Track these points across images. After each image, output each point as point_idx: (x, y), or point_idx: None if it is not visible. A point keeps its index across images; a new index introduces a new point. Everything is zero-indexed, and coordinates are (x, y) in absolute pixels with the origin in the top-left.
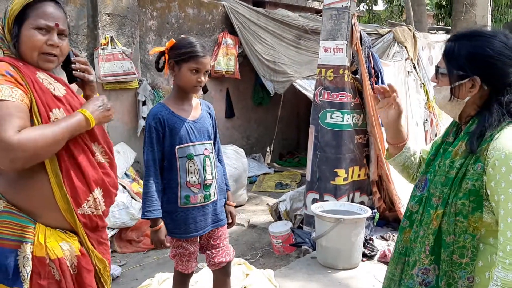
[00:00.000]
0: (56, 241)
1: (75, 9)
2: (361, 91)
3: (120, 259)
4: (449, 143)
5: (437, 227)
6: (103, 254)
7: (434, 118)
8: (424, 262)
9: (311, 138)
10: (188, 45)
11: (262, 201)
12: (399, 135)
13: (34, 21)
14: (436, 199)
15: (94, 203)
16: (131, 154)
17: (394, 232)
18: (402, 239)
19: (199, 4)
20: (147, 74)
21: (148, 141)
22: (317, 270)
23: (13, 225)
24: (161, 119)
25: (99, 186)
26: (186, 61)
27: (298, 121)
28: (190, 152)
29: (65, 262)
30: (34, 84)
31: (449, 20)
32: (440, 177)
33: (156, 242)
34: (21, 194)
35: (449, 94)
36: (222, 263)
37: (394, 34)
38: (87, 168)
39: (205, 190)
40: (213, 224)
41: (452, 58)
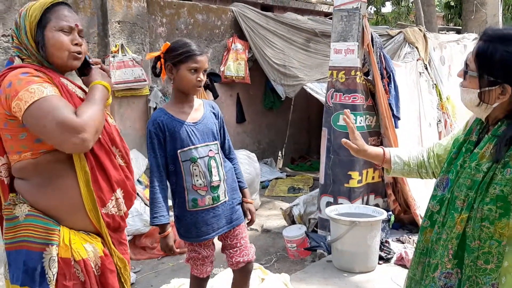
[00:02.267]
0: (80, 242)
1: (85, 18)
2: (373, 93)
3: (134, 266)
4: (472, 142)
5: (461, 231)
6: (123, 254)
7: (447, 119)
8: (447, 266)
9: (324, 141)
10: (183, 46)
11: (275, 205)
12: (375, 158)
13: (56, 23)
14: (460, 202)
15: (116, 203)
16: (143, 161)
17: (410, 234)
18: (423, 239)
19: (208, 10)
20: (157, 80)
21: (150, 147)
22: (333, 274)
23: (39, 228)
24: (160, 124)
25: (121, 187)
26: (183, 61)
27: (309, 125)
28: (193, 155)
29: (89, 263)
30: (62, 87)
31: (458, 20)
32: (465, 180)
33: (164, 248)
34: (48, 198)
35: (477, 99)
36: (240, 263)
37: (404, 35)
38: (110, 168)
39: (212, 192)
40: (227, 225)
41: (484, 62)
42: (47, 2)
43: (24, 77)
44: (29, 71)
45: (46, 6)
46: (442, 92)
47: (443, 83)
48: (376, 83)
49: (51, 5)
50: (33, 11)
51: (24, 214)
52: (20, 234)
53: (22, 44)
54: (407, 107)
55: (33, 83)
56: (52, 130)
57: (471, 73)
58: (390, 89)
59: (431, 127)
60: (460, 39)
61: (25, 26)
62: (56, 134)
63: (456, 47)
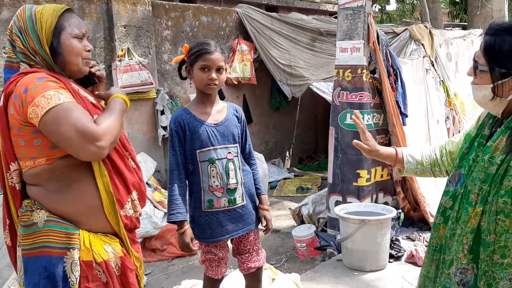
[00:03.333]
0: (100, 244)
1: (91, 23)
2: (380, 91)
3: (145, 268)
4: (484, 136)
5: (475, 225)
6: (138, 253)
7: (456, 115)
8: (462, 261)
9: (331, 140)
10: (196, 46)
11: (284, 205)
12: (387, 158)
13: (72, 30)
14: (474, 196)
15: (133, 204)
16: (151, 163)
17: (420, 232)
18: (436, 236)
19: (213, 12)
20: (164, 83)
21: (171, 145)
22: (344, 273)
23: (59, 233)
24: (181, 123)
25: (136, 189)
26: (195, 61)
27: (316, 124)
28: (211, 156)
29: (110, 264)
30: (75, 93)
31: (464, 16)
32: (479, 173)
33: (181, 246)
34: (66, 202)
35: (491, 94)
36: (251, 268)
37: (410, 32)
38: (125, 171)
39: (229, 195)
40: (242, 228)
41: (494, 55)
42: (59, 8)
43: (40, 83)
44: (44, 76)
45: (59, 13)
46: (450, 88)
47: (450, 79)
48: (383, 80)
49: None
50: (46, 17)
51: (43, 220)
52: (40, 240)
53: (27, 50)
54: (414, 105)
55: (50, 89)
56: (70, 137)
57: (482, 68)
58: (397, 87)
59: (439, 124)
60: (466, 35)
61: (36, 31)
62: (74, 142)
63: (463, 43)
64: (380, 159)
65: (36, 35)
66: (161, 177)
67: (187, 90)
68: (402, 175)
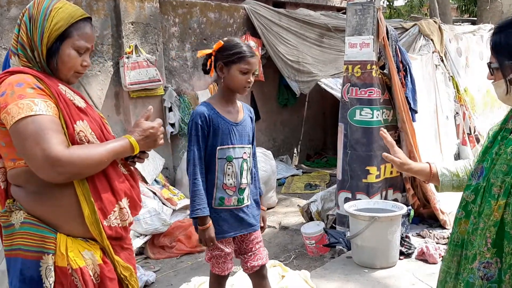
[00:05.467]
0: (78, 250)
1: (99, 20)
2: (390, 86)
3: (154, 265)
4: (508, 130)
5: (499, 218)
6: (127, 260)
7: (466, 111)
8: (486, 255)
9: (340, 137)
10: (236, 46)
11: (292, 202)
12: (421, 173)
13: (77, 41)
14: (497, 188)
15: (120, 213)
16: (160, 160)
17: (431, 229)
18: (457, 231)
19: (220, 8)
20: (172, 80)
21: (195, 139)
22: (354, 270)
23: (34, 236)
24: (207, 118)
25: (126, 196)
26: (235, 62)
27: (324, 121)
28: (230, 154)
29: (87, 272)
30: (59, 96)
31: (474, 8)
32: (501, 166)
33: (206, 240)
34: (44, 206)
35: (506, 87)
36: (254, 267)
37: (419, 27)
38: (114, 177)
39: (239, 194)
40: (248, 228)
41: (501, 50)
42: (76, 15)
43: (18, 89)
44: (25, 81)
45: (73, 21)
46: (459, 84)
47: (460, 75)
48: (393, 76)
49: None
50: (59, 18)
51: (20, 221)
52: (16, 242)
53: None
54: (423, 100)
55: (25, 98)
56: (33, 154)
57: (494, 65)
58: (407, 82)
59: (448, 120)
60: (476, 30)
61: (43, 27)
62: (35, 160)
63: (473, 38)
64: (412, 173)
65: (42, 30)
66: (169, 174)
67: (194, 87)
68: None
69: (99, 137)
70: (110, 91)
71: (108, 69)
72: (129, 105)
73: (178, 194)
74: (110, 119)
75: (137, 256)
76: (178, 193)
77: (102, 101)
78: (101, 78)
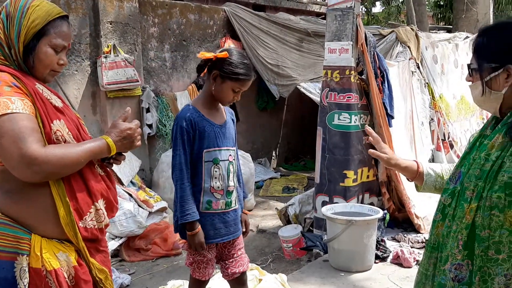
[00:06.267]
0: (53, 251)
1: (77, 18)
2: (367, 92)
3: (129, 268)
4: (486, 136)
5: (470, 221)
6: (103, 263)
7: (441, 117)
8: (457, 257)
9: (319, 141)
10: (239, 66)
11: (270, 205)
12: (408, 170)
13: (54, 39)
14: (470, 192)
15: (96, 215)
16: (136, 162)
17: (405, 233)
18: (434, 233)
19: (200, 10)
20: (150, 81)
21: (180, 143)
22: (330, 274)
23: (8, 237)
24: (192, 121)
25: (103, 198)
26: (232, 79)
27: (303, 125)
28: (216, 156)
29: (62, 274)
30: (36, 95)
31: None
32: (475, 170)
33: (196, 246)
34: (19, 205)
35: (482, 88)
36: (235, 274)
37: (397, 34)
38: (90, 178)
39: (227, 197)
40: (233, 233)
41: (483, 52)
42: (54, 12)
43: None
44: (2, 79)
45: (51, 19)
46: (435, 91)
47: (435, 82)
48: (370, 82)
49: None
50: (36, 16)
51: None
52: None
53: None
54: (400, 106)
55: (1, 96)
56: (9, 152)
57: (473, 66)
58: (384, 88)
59: (423, 126)
60: (451, 38)
61: (20, 25)
62: (11, 158)
63: (448, 46)
64: (398, 169)
65: (19, 28)
66: (146, 176)
67: (173, 88)
68: (420, 191)
69: (75, 137)
70: (87, 90)
71: (86, 68)
72: (106, 105)
73: (154, 196)
74: (87, 119)
75: (112, 258)
76: (154, 195)
77: (78, 100)
78: (78, 77)
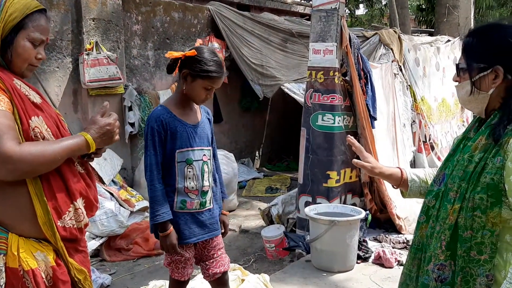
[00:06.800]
0: (30, 251)
1: (59, 14)
2: (351, 93)
3: (109, 268)
4: (470, 138)
5: (453, 222)
6: (82, 263)
7: (422, 120)
8: (440, 257)
9: (302, 141)
10: (207, 63)
11: (253, 206)
12: (392, 177)
13: (32, 33)
14: (453, 193)
15: (75, 214)
16: (118, 161)
17: (387, 233)
18: (418, 234)
19: (184, 8)
20: (132, 79)
21: (151, 144)
22: (312, 274)
23: None
24: (163, 122)
25: (82, 197)
26: (202, 78)
27: (286, 125)
28: (189, 156)
29: (39, 274)
30: (14, 91)
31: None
32: (458, 172)
33: (168, 247)
34: None
35: (470, 88)
36: (216, 274)
37: (380, 37)
38: (69, 176)
39: (202, 197)
40: (209, 233)
41: (471, 52)
42: (32, 6)
43: None
44: None
45: (29, 12)
46: (417, 93)
47: (417, 84)
48: (354, 83)
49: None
50: (13, 9)
51: None
52: None
53: None
54: (382, 108)
55: None
56: None
57: (462, 66)
58: (367, 90)
59: (405, 127)
60: (433, 41)
61: None
62: None
63: (430, 49)
64: (383, 177)
65: None
66: (127, 175)
67: (156, 87)
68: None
69: (55, 134)
70: (68, 88)
71: (67, 65)
72: (87, 103)
73: (136, 195)
74: (68, 117)
75: (93, 258)
76: (136, 195)
77: (59, 98)
78: (59, 74)
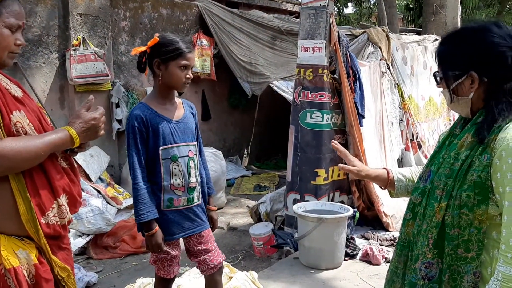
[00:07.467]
0: (12, 249)
1: (46, 10)
2: (339, 91)
3: (96, 266)
4: (455, 135)
5: (440, 220)
6: (65, 261)
7: (410, 118)
8: (427, 255)
9: (291, 139)
10: (172, 42)
11: (241, 203)
12: (379, 178)
13: (7, 19)
14: (439, 191)
15: (59, 211)
16: (105, 158)
17: (374, 231)
18: (404, 231)
19: (173, 5)
20: (120, 75)
21: (133, 143)
22: (300, 271)
23: None
24: (144, 119)
25: (65, 193)
26: (173, 58)
27: (275, 123)
28: (174, 153)
29: (21, 272)
30: None
31: (418, 21)
32: (445, 169)
33: (153, 247)
34: None
35: (449, 96)
36: (219, 264)
37: (368, 35)
38: (52, 172)
39: (189, 193)
40: (197, 227)
41: (444, 61)
42: None
43: None
44: None
45: None
46: (404, 91)
47: (405, 83)
48: (343, 81)
49: None
50: None
51: None
52: None
53: None
54: (370, 106)
55: None
56: None
57: (439, 75)
58: (356, 88)
59: (393, 126)
60: (421, 40)
61: None
62: None
63: (418, 48)
64: (370, 179)
65: None
66: (115, 172)
67: (143, 83)
68: (393, 197)
69: (37, 128)
70: (54, 84)
71: (54, 61)
72: (74, 99)
73: (123, 192)
74: (54, 114)
75: (79, 256)
76: (123, 192)
77: (46, 94)
78: (46, 70)
